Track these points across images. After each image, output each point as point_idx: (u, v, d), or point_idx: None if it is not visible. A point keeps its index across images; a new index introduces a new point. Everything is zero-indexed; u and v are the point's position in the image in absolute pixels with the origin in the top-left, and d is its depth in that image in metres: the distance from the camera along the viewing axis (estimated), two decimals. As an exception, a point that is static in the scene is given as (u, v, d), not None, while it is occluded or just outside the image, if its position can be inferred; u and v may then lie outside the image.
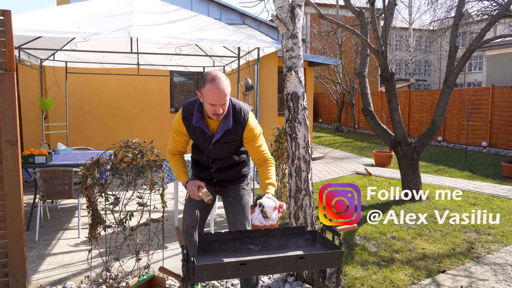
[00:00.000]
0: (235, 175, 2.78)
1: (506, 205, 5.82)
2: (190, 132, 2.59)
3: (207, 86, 2.32)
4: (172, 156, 2.73)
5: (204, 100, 2.38)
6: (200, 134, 2.57)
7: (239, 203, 2.78)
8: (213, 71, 2.38)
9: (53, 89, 7.81)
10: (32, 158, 4.79)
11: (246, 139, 2.60)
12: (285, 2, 3.32)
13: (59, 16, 4.56)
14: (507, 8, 5.85)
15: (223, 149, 2.63)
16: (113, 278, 3.22)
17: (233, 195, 2.79)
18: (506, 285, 3.41)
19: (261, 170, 2.60)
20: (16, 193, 2.54)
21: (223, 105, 2.37)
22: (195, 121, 2.50)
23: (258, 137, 2.60)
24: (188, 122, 2.54)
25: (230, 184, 2.79)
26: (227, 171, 2.74)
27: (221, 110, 2.38)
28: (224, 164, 2.70)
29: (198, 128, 2.54)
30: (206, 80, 2.34)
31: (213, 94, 2.31)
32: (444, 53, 33.54)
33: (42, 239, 4.44)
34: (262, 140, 2.64)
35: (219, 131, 2.52)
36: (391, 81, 5.94)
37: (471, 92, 12.97)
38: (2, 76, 2.48)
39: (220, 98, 2.33)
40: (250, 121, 2.57)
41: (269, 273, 2.26)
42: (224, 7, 11.54)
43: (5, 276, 2.58)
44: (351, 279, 3.46)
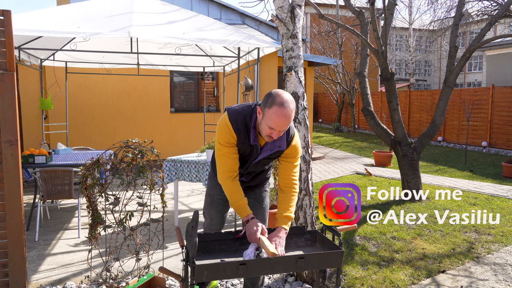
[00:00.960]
0: (261, 180, 2.78)
1: (506, 205, 5.82)
2: (239, 145, 2.40)
3: (274, 109, 2.16)
4: (233, 180, 2.43)
5: (264, 120, 2.22)
6: (248, 148, 2.42)
7: (259, 205, 2.78)
8: (283, 94, 2.21)
9: (53, 89, 7.81)
10: (32, 158, 4.78)
11: (285, 155, 2.47)
12: (285, 2, 3.32)
13: (59, 16, 4.56)
14: (507, 8, 5.85)
15: (262, 164, 2.56)
16: (113, 278, 3.22)
17: (254, 196, 2.78)
18: (506, 285, 3.41)
19: (283, 197, 2.46)
20: (16, 193, 2.54)
21: (281, 132, 2.24)
22: (253, 138, 2.35)
23: (297, 156, 2.50)
24: (240, 136, 2.35)
25: (254, 187, 2.78)
26: (256, 178, 2.72)
27: (278, 135, 2.25)
28: (255, 174, 2.69)
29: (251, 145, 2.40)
30: (274, 102, 2.17)
31: (278, 119, 2.16)
32: (444, 53, 33.54)
33: (42, 239, 4.44)
34: (299, 161, 2.53)
35: (267, 149, 2.41)
36: (391, 81, 5.94)
37: (471, 92, 12.97)
38: (2, 76, 2.48)
39: (283, 126, 2.19)
40: (296, 138, 2.46)
41: (269, 273, 2.27)
42: (224, 7, 11.54)
43: (5, 276, 2.58)
44: (351, 279, 3.46)
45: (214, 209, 2.84)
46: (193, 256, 2.03)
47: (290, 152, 2.45)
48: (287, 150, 2.44)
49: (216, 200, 2.81)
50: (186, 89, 9.69)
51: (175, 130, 9.17)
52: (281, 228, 2.36)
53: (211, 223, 2.86)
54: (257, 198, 2.78)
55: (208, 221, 2.89)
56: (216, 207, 2.83)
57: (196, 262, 2.03)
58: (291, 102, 2.20)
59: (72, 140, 8.12)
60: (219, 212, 2.84)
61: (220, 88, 9.58)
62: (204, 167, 4.67)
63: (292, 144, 2.43)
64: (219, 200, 2.79)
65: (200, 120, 9.19)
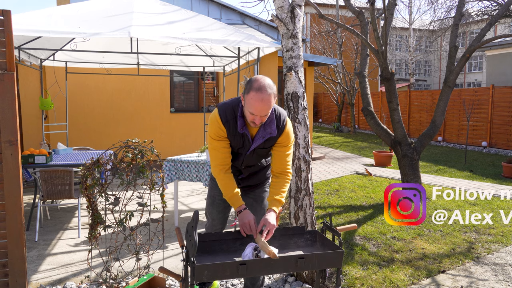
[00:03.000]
0: (260, 179, 2.78)
1: (506, 205, 5.82)
2: (230, 137, 2.45)
3: (251, 94, 2.23)
4: (225, 173, 2.49)
5: (246, 107, 2.30)
6: (240, 140, 2.46)
7: (259, 206, 2.79)
8: (261, 79, 2.26)
9: (53, 89, 7.80)
10: (32, 158, 4.78)
11: (278, 144, 2.51)
12: (285, 2, 3.32)
13: (59, 16, 4.55)
14: (507, 8, 5.85)
15: (258, 155, 2.57)
16: (113, 278, 3.22)
17: (254, 196, 2.78)
18: (506, 285, 3.41)
19: (276, 182, 2.52)
20: (16, 193, 2.54)
21: (263, 117, 2.29)
22: (240, 127, 2.39)
23: (290, 145, 2.52)
24: (229, 127, 2.41)
25: (254, 187, 2.79)
26: (255, 176, 2.73)
27: (260, 121, 2.30)
28: (254, 170, 2.69)
29: (241, 134, 2.43)
30: (251, 88, 2.24)
31: (256, 104, 2.22)
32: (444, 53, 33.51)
33: (42, 239, 4.44)
34: (291, 149, 2.56)
35: (259, 137, 2.44)
36: (391, 81, 5.94)
37: (471, 92, 12.97)
38: (2, 76, 2.48)
39: (262, 110, 2.24)
40: (288, 127, 2.49)
41: (269, 273, 2.27)
42: (224, 7, 11.53)
43: (5, 276, 2.58)
44: (351, 279, 3.46)
45: (215, 209, 2.85)
46: (193, 256, 2.03)
47: (283, 140, 2.48)
48: (280, 138, 2.47)
49: (217, 201, 2.82)
50: (186, 89, 9.68)
51: (175, 130, 9.17)
52: (271, 210, 2.41)
53: (213, 223, 2.88)
54: (256, 199, 2.78)
55: (210, 221, 2.91)
56: (217, 207, 2.84)
57: (196, 262, 2.03)
58: (269, 86, 2.24)
59: (72, 140, 8.12)
60: (220, 213, 2.85)
61: (220, 88, 9.57)
62: (204, 167, 4.67)
63: (285, 131, 2.47)
64: (219, 200, 2.79)
65: (200, 120, 9.19)
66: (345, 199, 6.20)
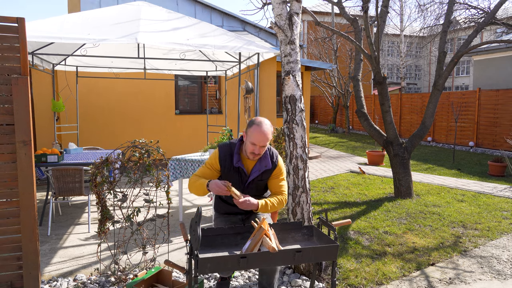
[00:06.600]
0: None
1: (491, 201, 5.82)
2: (224, 171, 2.70)
3: (253, 128, 2.56)
4: (196, 178, 2.73)
5: (247, 139, 2.59)
6: (235, 174, 2.68)
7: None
8: (262, 118, 2.61)
9: (65, 92, 7.81)
10: (44, 157, 4.78)
11: (273, 176, 2.74)
12: (284, 10, 3.32)
13: (70, 23, 4.55)
14: (492, 16, 5.84)
15: (256, 188, 2.75)
16: (121, 270, 3.22)
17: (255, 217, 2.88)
18: (491, 276, 3.41)
19: (272, 196, 2.72)
20: (30, 190, 2.54)
21: (262, 147, 2.56)
22: (236, 161, 2.65)
23: (282, 176, 2.76)
24: (225, 163, 2.68)
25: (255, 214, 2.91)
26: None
27: (259, 151, 2.57)
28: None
29: (236, 168, 2.67)
30: (253, 123, 2.58)
31: (257, 135, 2.53)
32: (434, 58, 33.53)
33: (54, 233, 4.44)
34: (285, 180, 2.80)
35: (256, 170, 2.67)
36: (383, 85, 5.94)
37: (459, 95, 12.96)
38: (17, 80, 2.48)
39: (261, 140, 2.54)
40: (280, 162, 2.77)
41: (268, 265, 2.27)
42: (226, 15, 11.53)
43: (19, 268, 2.58)
44: (346, 271, 3.46)
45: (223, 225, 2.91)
46: (196, 249, 2.03)
47: (277, 172, 2.74)
48: (274, 171, 2.73)
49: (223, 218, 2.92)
50: (190, 92, 9.68)
51: (179, 131, 9.17)
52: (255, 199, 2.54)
53: None
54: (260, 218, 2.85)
55: None
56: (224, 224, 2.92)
57: (199, 255, 2.03)
58: (268, 124, 2.60)
59: (82, 140, 8.12)
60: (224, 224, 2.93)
61: (222, 91, 9.58)
62: (207, 166, 4.67)
63: (278, 165, 2.74)
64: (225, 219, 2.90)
65: (203, 121, 9.20)
66: (340, 196, 6.20)
